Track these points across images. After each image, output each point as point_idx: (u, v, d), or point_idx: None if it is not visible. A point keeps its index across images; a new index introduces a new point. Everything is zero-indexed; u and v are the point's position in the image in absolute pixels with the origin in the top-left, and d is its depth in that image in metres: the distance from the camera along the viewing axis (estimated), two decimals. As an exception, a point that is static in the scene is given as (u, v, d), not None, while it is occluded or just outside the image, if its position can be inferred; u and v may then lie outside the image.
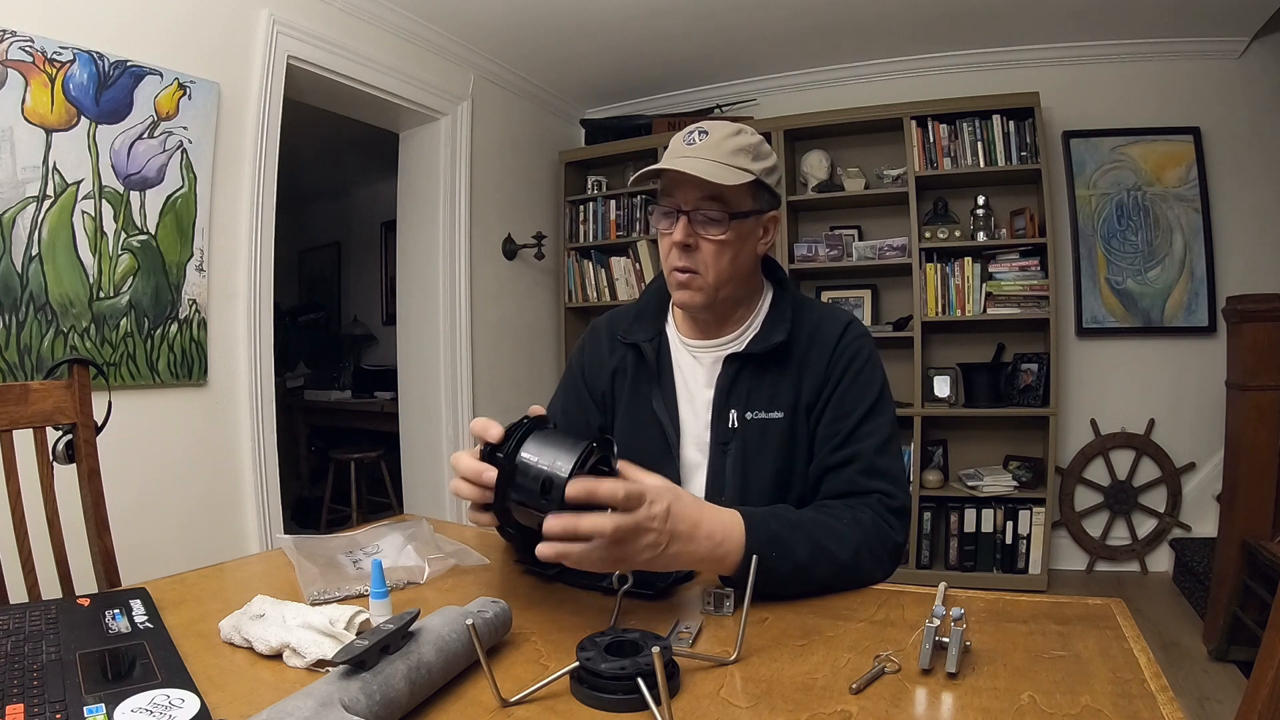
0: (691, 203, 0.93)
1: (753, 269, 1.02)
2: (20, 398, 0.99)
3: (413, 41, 2.86)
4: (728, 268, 0.96)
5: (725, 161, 0.92)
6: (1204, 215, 3.04)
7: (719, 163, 0.91)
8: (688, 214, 0.94)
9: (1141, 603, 2.75)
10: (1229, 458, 2.45)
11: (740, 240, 0.96)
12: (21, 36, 1.68)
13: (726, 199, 0.93)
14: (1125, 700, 0.54)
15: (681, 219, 0.94)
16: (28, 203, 1.71)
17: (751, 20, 2.96)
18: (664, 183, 0.97)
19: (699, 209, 0.93)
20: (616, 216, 3.65)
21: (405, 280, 3.29)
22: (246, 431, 2.24)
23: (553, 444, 0.68)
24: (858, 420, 0.95)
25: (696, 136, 0.94)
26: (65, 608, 0.71)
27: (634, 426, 1.05)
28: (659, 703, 0.52)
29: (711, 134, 0.94)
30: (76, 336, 1.81)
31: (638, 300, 1.14)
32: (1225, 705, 1.95)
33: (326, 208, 5.51)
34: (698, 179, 0.91)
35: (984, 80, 3.19)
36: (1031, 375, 3.03)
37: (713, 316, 1.02)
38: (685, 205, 0.94)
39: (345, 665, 0.51)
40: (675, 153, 0.95)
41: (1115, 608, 0.73)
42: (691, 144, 0.94)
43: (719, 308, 1.00)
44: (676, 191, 0.94)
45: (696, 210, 0.93)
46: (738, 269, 0.97)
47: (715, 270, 0.95)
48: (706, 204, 0.93)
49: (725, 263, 0.95)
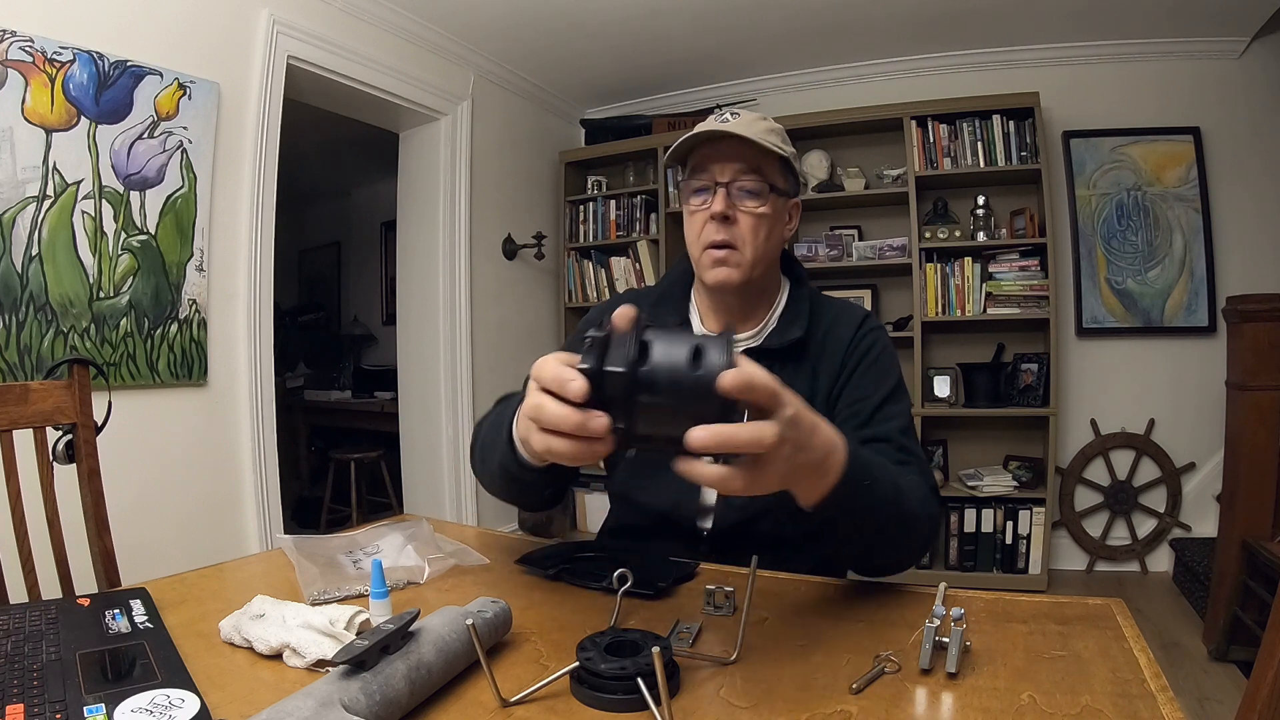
0: (729, 175, 0.93)
1: (779, 255, 1.02)
2: (20, 398, 0.99)
3: (413, 41, 2.86)
4: (764, 244, 0.95)
5: (762, 137, 0.92)
6: (1204, 215, 3.04)
7: (757, 137, 0.92)
8: (726, 186, 0.93)
9: (1141, 603, 2.75)
10: (1229, 458, 2.45)
11: (775, 218, 0.96)
12: (21, 36, 1.68)
13: (764, 172, 0.93)
14: (1125, 700, 0.54)
15: (720, 191, 0.93)
16: (28, 203, 1.71)
17: (751, 20, 2.96)
18: (696, 161, 0.96)
19: (736, 181, 0.93)
20: (616, 216, 3.65)
21: (405, 280, 3.29)
22: (246, 431, 2.24)
23: (676, 334, 0.53)
24: (878, 403, 0.93)
25: (728, 115, 0.94)
26: (65, 608, 0.71)
27: None
28: (659, 703, 0.52)
29: (742, 116, 0.94)
30: (76, 336, 1.81)
31: (657, 285, 1.12)
32: (1225, 705, 1.95)
33: (326, 208, 5.51)
34: (736, 153, 0.91)
35: (984, 80, 3.19)
36: (1031, 375, 3.03)
37: (740, 302, 1.00)
38: (722, 178, 0.93)
39: (345, 665, 0.51)
40: (706, 127, 0.94)
41: (1115, 608, 0.73)
42: (724, 121, 0.93)
43: (749, 291, 0.99)
44: (712, 166, 0.94)
45: (734, 183, 0.93)
46: (770, 249, 0.97)
47: (753, 245, 0.94)
48: (745, 177, 0.93)
49: (762, 238, 0.94)
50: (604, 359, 0.51)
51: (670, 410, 0.50)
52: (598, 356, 0.51)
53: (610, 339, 0.52)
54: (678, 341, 0.51)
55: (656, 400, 0.50)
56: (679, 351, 0.50)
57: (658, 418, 0.51)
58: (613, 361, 0.50)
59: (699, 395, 0.49)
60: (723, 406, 0.50)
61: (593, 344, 0.51)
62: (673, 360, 0.50)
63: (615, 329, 0.52)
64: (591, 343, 0.51)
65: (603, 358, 0.51)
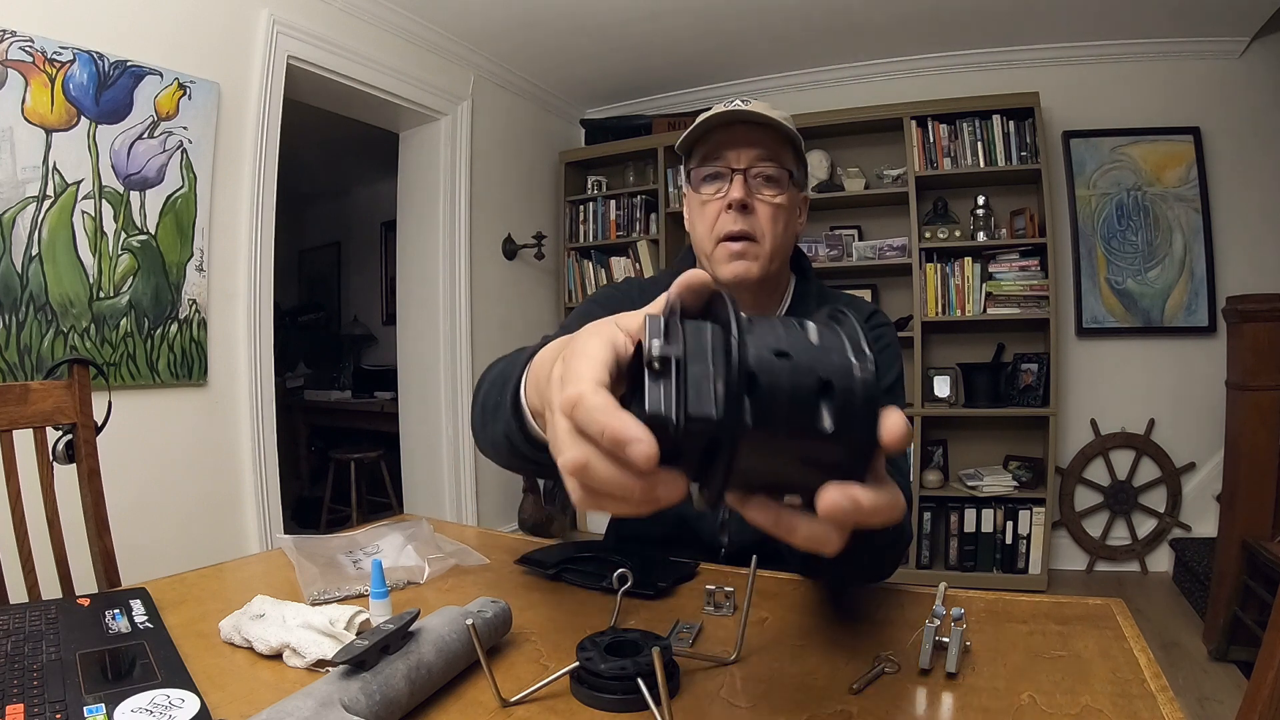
0: (747, 161, 0.88)
1: (791, 250, 0.97)
2: (20, 398, 0.99)
3: (413, 41, 2.86)
4: (782, 236, 0.89)
5: (783, 120, 0.87)
6: (1204, 215, 3.04)
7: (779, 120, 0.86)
8: (744, 172, 0.87)
9: (1141, 603, 2.75)
10: (1229, 458, 2.44)
11: (791, 209, 0.91)
12: (21, 36, 1.68)
13: (783, 160, 0.88)
14: (1125, 700, 0.54)
15: (738, 178, 0.87)
16: (28, 203, 1.71)
17: (752, 20, 2.96)
18: (709, 148, 0.90)
19: (755, 168, 0.88)
20: (616, 216, 3.65)
21: (405, 280, 3.29)
22: (246, 431, 2.24)
23: (770, 333, 0.33)
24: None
25: (740, 102, 0.89)
26: (65, 608, 0.71)
27: None
28: (659, 703, 0.51)
29: (754, 102, 0.90)
30: (76, 336, 1.81)
31: (659, 277, 1.04)
32: (1225, 705, 1.95)
33: (326, 208, 5.51)
34: (755, 138, 0.86)
35: (984, 80, 3.19)
36: (1031, 375, 3.03)
37: (752, 299, 0.94)
38: (739, 165, 0.87)
39: (345, 665, 0.51)
40: (719, 111, 0.88)
41: (1115, 608, 0.73)
42: (739, 107, 0.88)
43: (762, 288, 0.94)
44: (727, 152, 0.88)
45: (752, 169, 0.87)
46: (787, 243, 0.92)
47: (772, 236, 0.88)
48: (763, 164, 0.88)
49: (781, 230, 0.89)
50: (681, 394, 0.31)
51: (784, 463, 0.33)
52: (671, 394, 0.31)
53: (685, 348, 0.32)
54: (787, 356, 0.32)
55: (767, 454, 0.32)
56: (801, 379, 0.31)
57: (763, 470, 0.34)
58: (699, 402, 0.31)
59: (855, 449, 0.33)
60: (857, 453, 0.33)
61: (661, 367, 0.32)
62: (794, 392, 0.31)
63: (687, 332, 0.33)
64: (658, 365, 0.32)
65: (680, 390, 0.31)
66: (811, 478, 0.33)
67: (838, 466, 0.33)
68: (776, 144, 0.89)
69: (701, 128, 0.89)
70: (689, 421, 0.31)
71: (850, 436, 0.32)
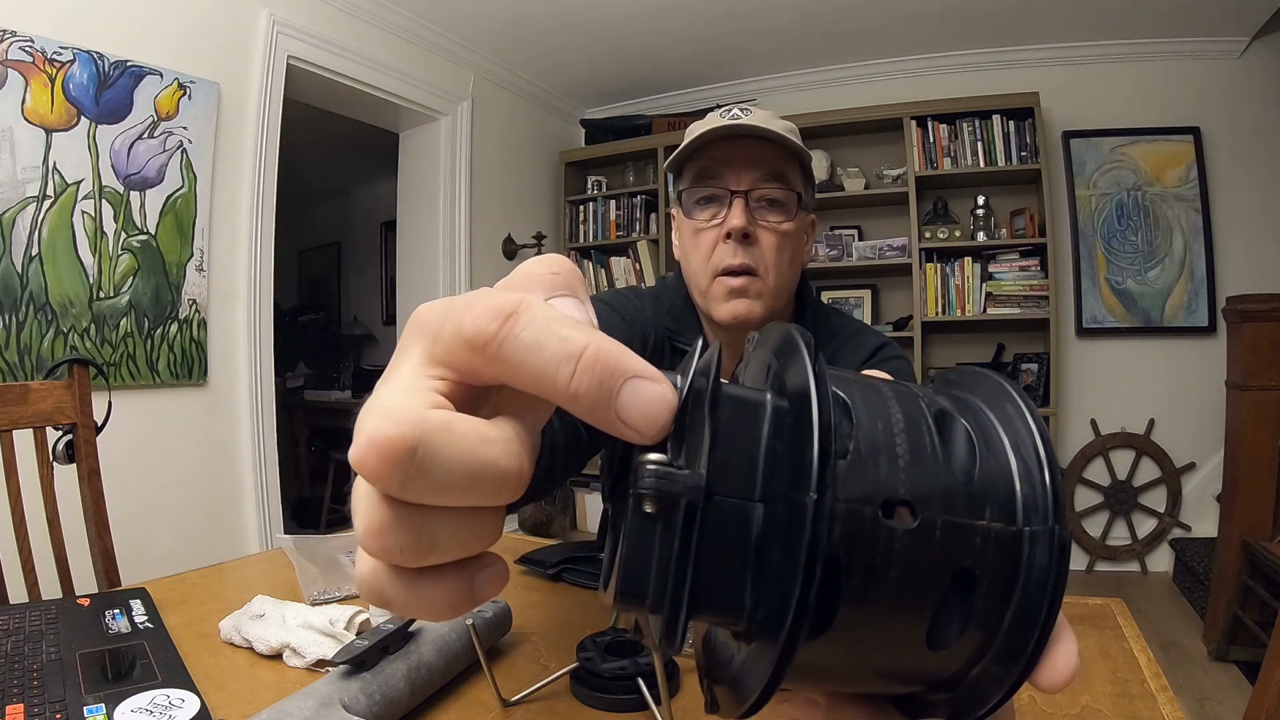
0: (747, 182, 0.74)
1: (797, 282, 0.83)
2: (20, 398, 0.99)
3: (413, 41, 2.86)
4: (788, 269, 0.77)
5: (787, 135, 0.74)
6: (1204, 215, 3.04)
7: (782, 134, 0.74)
8: (745, 195, 0.73)
9: (1141, 603, 2.75)
10: (1229, 458, 2.44)
11: (798, 236, 0.78)
12: (21, 36, 1.68)
13: (788, 180, 0.76)
14: (1125, 700, 0.54)
15: (737, 202, 0.73)
16: (28, 203, 1.71)
17: (752, 20, 2.96)
18: (703, 165, 0.76)
19: (757, 189, 0.74)
20: (616, 216, 3.65)
21: (405, 280, 3.29)
22: (246, 431, 2.24)
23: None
24: None
25: (739, 111, 0.75)
26: (65, 608, 0.71)
27: None
28: (659, 703, 0.51)
29: (755, 112, 0.76)
30: (76, 336, 1.81)
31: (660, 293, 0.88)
32: (1225, 705, 1.95)
33: (326, 208, 5.51)
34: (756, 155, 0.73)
35: (984, 80, 3.19)
36: (1031, 375, 3.03)
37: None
38: (739, 186, 0.73)
39: (345, 665, 0.51)
40: (714, 124, 0.75)
41: (1115, 608, 0.73)
42: (736, 117, 0.75)
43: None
44: (725, 172, 0.75)
45: (754, 191, 0.74)
46: (793, 275, 0.78)
47: (776, 271, 0.75)
48: (766, 185, 0.74)
49: (786, 261, 0.76)
50: (686, 570, 0.17)
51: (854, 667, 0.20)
52: (669, 565, 0.17)
53: (712, 472, 0.17)
54: (910, 510, 0.17)
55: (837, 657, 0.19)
56: (929, 559, 0.17)
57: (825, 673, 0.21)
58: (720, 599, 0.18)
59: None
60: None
61: (656, 510, 0.17)
62: (908, 582, 0.18)
63: (722, 432, 0.17)
64: (651, 508, 0.17)
65: (685, 562, 0.17)
66: (896, 688, 0.21)
67: (944, 684, 0.20)
68: (782, 161, 0.76)
69: (695, 143, 0.75)
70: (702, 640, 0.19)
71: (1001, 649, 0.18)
